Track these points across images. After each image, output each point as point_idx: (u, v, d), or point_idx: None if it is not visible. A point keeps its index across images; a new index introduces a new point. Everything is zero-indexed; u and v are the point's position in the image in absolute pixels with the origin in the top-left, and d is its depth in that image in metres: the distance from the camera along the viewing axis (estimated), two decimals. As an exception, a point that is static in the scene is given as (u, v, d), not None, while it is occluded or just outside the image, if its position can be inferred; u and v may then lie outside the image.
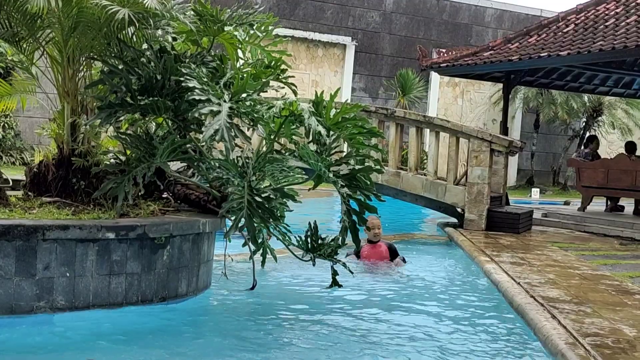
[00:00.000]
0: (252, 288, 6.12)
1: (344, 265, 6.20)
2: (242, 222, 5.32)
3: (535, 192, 20.12)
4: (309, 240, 6.12)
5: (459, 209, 11.40)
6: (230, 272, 6.43)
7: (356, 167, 5.83)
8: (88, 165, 5.83)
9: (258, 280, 6.19)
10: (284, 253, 6.42)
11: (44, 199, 5.69)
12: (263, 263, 6.02)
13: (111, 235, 5.08)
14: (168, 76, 5.57)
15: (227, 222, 5.97)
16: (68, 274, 4.94)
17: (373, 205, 5.87)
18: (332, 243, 6.11)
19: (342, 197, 5.77)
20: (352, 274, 6.35)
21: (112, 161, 6.02)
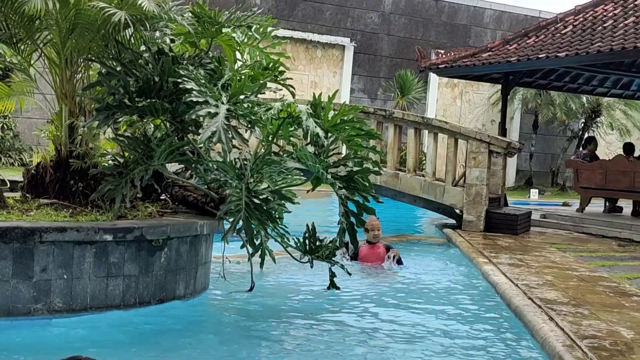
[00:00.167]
0: (250, 290, 6.12)
1: (342, 267, 6.20)
2: (240, 224, 5.32)
3: (534, 193, 20.11)
4: (307, 242, 6.13)
5: (458, 210, 11.40)
6: (229, 273, 6.42)
7: (354, 169, 5.84)
8: (86, 167, 5.83)
9: (256, 282, 6.19)
10: (282, 254, 6.41)
11: (42, 201, 5.69)
12: (262, 265, 6.02)
13: (109, 237, 5.08)
14: (166, 78, 5.57)
15: (225, 223, 5.97)
16: (65, 276, 4.94)
17: (371, 207, 5.88)
18: (330, 245, 6.11)
19: (340, 199, 5.77)
20: (350, 275, 6.36)
21: (110, 163, 6.02)
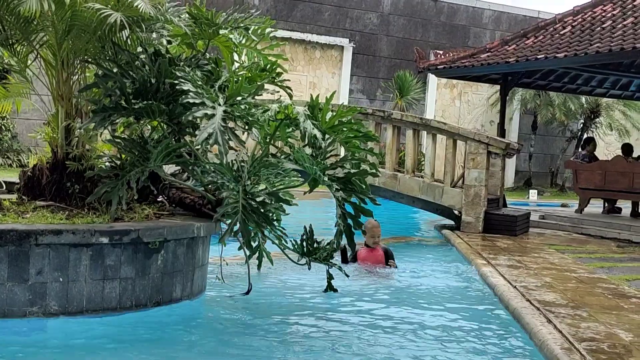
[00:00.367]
0: (247, 293, 6.10)
1: (340, 269, 6.18)
2: (237, 226, 5.29)
3: (533, 193, 20.10)
4: (305, 244, 6.10)
5: (456, 212, 11.37)
6: (226, 275, 6.40)
7: (351, 171, 5.81)
8: (82, 169, 5.81)
9: (253, 284, 6.17)
10: (279, 256, 6.39)
11: (38, 203, 5.67)
12: (259, 267, 5.99)
13: (105, 240, 5.06)
14: (162, 79, 5.54)
15: (223, 225, 5.95)
16: (61, 279, 4.92)
17: (368, 209, 5.86)
18: (327, 247, 6.09)
19: (337, 201, 5.75)
20: (348, 277, 6.34)
21: (107, 165, 6.00)
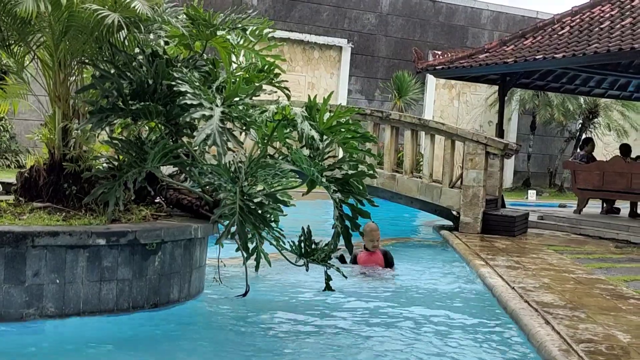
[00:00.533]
0: (244, 294, 6.08)
1: (338, 270, 6.17)
2: (234, 228, 5.28)
3: (531, 194, 20.10)
4: (302, 245, 6.09)
5: (455, 212, 11.37)
6: (224, 277, 6.38)
7: (349, 172, 5.80)
8: (79, 170, 5.79)
9: (251, 285, 6.14)
10: (277, 257, 6.38)
11: (35, 204, 5.65)
12: (257, 268, 5.97)
13: (102, 242, 5.04)
14: (160, 80, 5.53)
15: (220, 227, 5.93)
16: (58, 281, 4.90)
17: (366, 210, 5.85)
18: (325, 248, 6.08)
19: (335, 202, 5.74)
20: (346, 277, 6.33)
21: (104, 166, 5.98)
